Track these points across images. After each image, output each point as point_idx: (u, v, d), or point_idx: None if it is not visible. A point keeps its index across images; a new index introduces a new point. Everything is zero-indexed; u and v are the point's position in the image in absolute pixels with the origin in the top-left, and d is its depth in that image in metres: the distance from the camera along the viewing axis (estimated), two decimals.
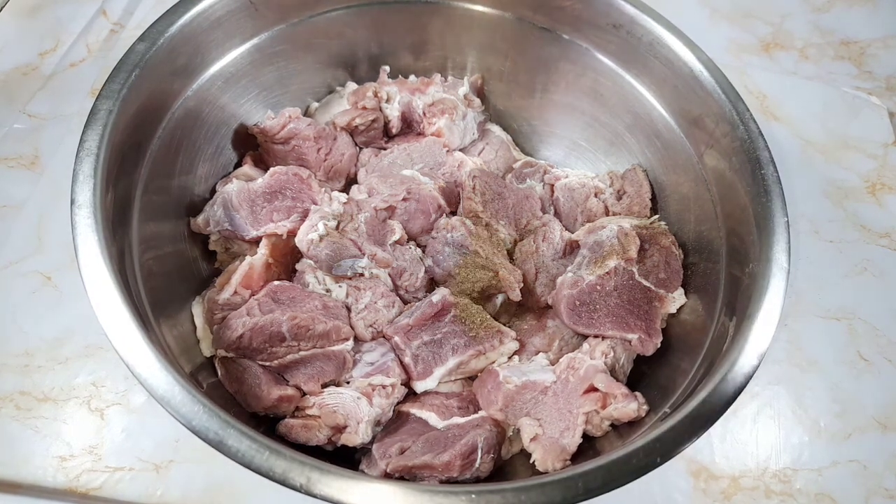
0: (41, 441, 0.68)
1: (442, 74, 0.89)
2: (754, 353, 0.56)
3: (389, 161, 0.82)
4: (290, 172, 0.73)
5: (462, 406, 0.66)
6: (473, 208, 0.75)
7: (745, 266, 0.64)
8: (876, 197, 0.93)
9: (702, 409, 0.53)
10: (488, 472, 0.62)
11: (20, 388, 0.70)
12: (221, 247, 0.74)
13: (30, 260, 0.78)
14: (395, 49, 0.87)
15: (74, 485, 0.65)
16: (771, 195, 0.64)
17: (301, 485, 0.47)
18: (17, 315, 0.74)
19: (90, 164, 0.58)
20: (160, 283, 0.64)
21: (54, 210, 0.81)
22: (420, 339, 0.66)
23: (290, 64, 0.81)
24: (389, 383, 0.63)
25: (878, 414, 0.76)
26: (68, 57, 0.96)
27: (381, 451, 0.60)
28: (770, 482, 0.71)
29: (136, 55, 0.64)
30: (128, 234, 0.63)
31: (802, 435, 0.74)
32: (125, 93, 0.62)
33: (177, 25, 0.67)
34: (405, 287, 0.72)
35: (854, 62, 1.09)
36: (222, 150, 0.79)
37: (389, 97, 0.82)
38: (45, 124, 0.89)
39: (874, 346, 0.80)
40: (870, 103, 1.02)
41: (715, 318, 0.65)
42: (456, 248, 0.72)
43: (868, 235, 0.89)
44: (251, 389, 0.62)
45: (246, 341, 0.62)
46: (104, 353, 0.72)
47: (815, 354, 0.80)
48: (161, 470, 0.67)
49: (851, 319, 0.82)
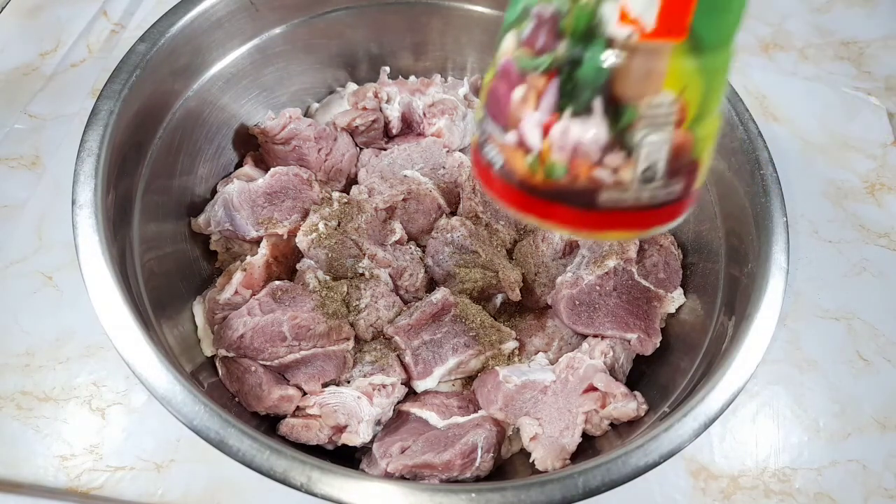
0: (42, 441, 0.68)
1: (442, 75, 0.89)
2: (753, 352, 0.56)
3: (390, 161, 0.82)
4: (290, 173, 0.73)
5: (462, 405, 0.66)
6: (473, 208, 0.75)
7: (744, 266, 0.64)
8: (875, 197, 0.93)
9: (701, 409, 0.53)
10: (488, 471, 0.62)
11: (21, 388, 0.70)
12: (222, 247, 0.74)
13: (31, 260, 0.78)
14: (395, 50, 0.87)
15: (75, 484, 0.66)
16: (770, 195, 0.65)
17: (302, 484, 0.47)
18: (18, 315, 0.74)
19: (91, 164, 0.58)
20: (161, 283, 0.65)
21: (55, 210, 0.81)
22: (420, 339, 0.66)
23: (291, 65, 0.82)
24: (389, 383, 0.64)
25: (877, 414, 0.76)
26: (69, 57, 0.96)
27: (381, 451, 0.60)
28: (769, 482, 0.71)
29: (137, 56, 0.64)
30: (129, 235, 0.63)
31: (801, 434, 0.74)
32: (126, 93, 0.62)
33: (177, 26, 0.67)
34: (405, 287, 0.72)
35: (853, 63, 1.09)
36: (223, 151, 0.79)
37: (390, 98, 0.82)
38: (45, 125, 0.89)
39: (873, 346, 0.80)
40: (869, 104, 1.03)
41: (714, 318, 0.65)
42: (456, 248, 0.72)
43: (867, 235, 0.89)
44: (252, 389, 0.62)
45: (247, 341, 0.62)
46: (105, 353, 0.72)
47: (814, 354, 0.80)
48: (162, 469, 0.67)
49: (850, 319, 0.82)
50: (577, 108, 0.36)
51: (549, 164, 0.38)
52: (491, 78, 0.41)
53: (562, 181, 0.38)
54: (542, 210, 0.40)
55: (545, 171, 0.38)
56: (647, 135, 0.36)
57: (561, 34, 0.35)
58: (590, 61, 0.35)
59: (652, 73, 0.35)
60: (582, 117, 0.36)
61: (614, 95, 0.35)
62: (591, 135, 0.36)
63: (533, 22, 0.37)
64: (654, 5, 0.33)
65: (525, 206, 0.40)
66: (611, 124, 0.36)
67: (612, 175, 0.37)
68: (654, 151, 0.37)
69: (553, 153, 0.37)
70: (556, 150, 0.37)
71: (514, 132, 0.39)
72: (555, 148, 0.37)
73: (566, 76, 0.36)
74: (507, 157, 0.40)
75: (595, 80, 0.35)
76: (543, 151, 0.38)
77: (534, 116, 0.37)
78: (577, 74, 0.35)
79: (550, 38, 0.36)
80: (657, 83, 0.35)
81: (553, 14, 0.35)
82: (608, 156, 0.37)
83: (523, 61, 0.37)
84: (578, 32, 0.35)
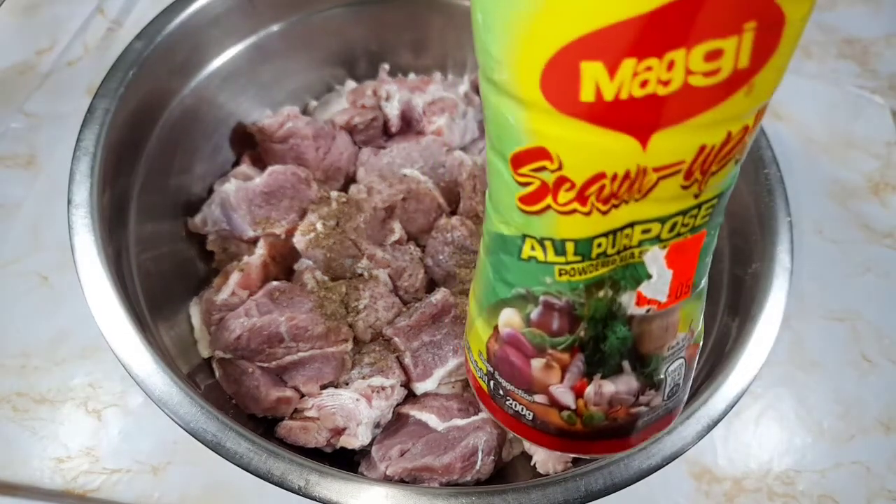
0: (38, 442, 0.67)
1: (442, 73, 0.89)
2: (757, 354, 0.56)
3: (389, 160, 0.81)
4: (288, 171, 0.73)
5: (462, 408, 0.65)
6: (473, 208, 0.74)
7: (748, 266, 0.63)
8: (879, 197, 0.92)
9: (704, 411, 0.53)
10: (489, 475, 0.61)
11: (17, 390, 0.70)
12: (219, 247, 0.74)
13: (26, 260, 0.77)
14: (394, 47, 0.86)
15: (72, 486, 0.65)
16: (774, 195, 0.64)
17: (300, 487, 0.47)
18: (14, 315, 0.74)
19: (87, 163, 0.57)
20: (157, 284, 0.64)
21: (51, 210, 0.81)
22: (420, 340, 0.66)
23: (289, 62, 0.81)
24: (389, 385, 0.63)
25: (881, 415, 0.75)
26: (65, 55, 0.95)
27: (380, 454, 0.60)
28: (773, 484, 0.70)
29: (134, 53, 0.63)
30: (125, 234, 0.63)
31: (805, 436, 0.74)
32: (122, 91, 0.61)
33: (174, 23, 0.66)
34: (405, 287, 0.71)
35: (857, 61, 1.08)
36: (220, 149, 0.78)
37: (389, 95, 0.81)
38: (41, 123, 0.88)
39: (878, 347, 0.80)
40: (873, 102, 1.02)
41: (717, 319, 0.65)
42: (456, 247, 0.71)
43: (872, 235, 0.89)
44: (249, 391, 0.62)
45: (244, 342, 0.62)
46: (101, 354, 0.72)
47: (818, 355, 0.79)
48: (159, 472, 0.66)
49: (855, 320, 0.82)
50: (606, 372, 0.40)
51: (588, 416, 0.41)
52: (489, 340, 0.43)
53: (602, 424, 0.42)
54: (584, 448, 0.44)
55: (583, 421, 0.42)
56: (669, 366, 0.41)
57: (579, 319, 0.38)
58: (613, 335, 0.39)
59: (669, 327, 0.40)
60: (612, 377, 0.40)
61: (639, 353, 0.40)
62: (624, 388, 0.40)
63: (540, 308, 0.39)
64: (665, 285, 0.37)
65: (567, 448, 0.44)
66: (639, 374, 0.40)
67: (646, 407, 0.42)
68: (676, 375, 0.42)
69: (590, 407, 0.41)
70: (591, 405, 0.41)
71: (542, 395, 0.42)
72: (590, 404, 0.41)
73: (591, 350, 0.39)
74: (538, 413, 0.43)
75: (620, 348, 0.39)
76: (579, 408, 0.41)
77: (563, 385, 0.41)
78: (602, 347, 0.39)
79: (567, 322, 0.39)
80: (674, 331, 0.40)
81: (566, 305, 0.38)
82: (641, 396, 0.41)
83: (538, 339, 0.40)
84: (598, 318, 0.38)
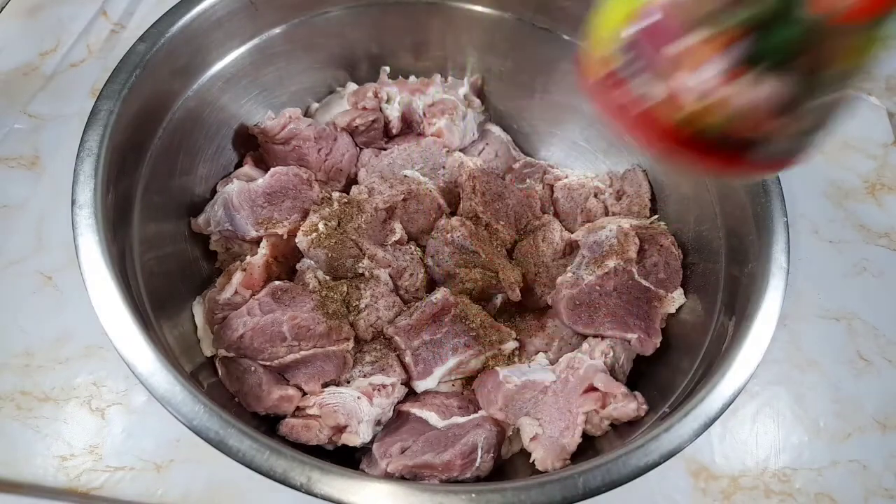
0: (42, 441, 0.68)
1: (442, 75, 0.89)
2: (753, 352, 0.56)
3: (389, 161, 0.82)
4: (290, 173, 0.73)
5: (462, 406, 0.66)
6: (473, 208, 0.75)
7: (745, 266, 0.64)
8: (875, 197, 0.93)
9: (701, 409, 0.53)
10: (488, 472, 0.62)
11: (21, 388, 0.70)
12: (222, 247, 0.74)
13: (30, 260, 0.78)
14: (395, 49, 0.87)
15: (75, 484, 0.66)
16: (770, 195, 0.65)
17: (302, 484, 0.47)
18: (18, 315, 0.74)
19: (91, 164, 0.58)
20: (161, 283, 0.65)
21: (55, 210, 0.81)
22: (420, 339, 0.66)
23: (291, 64, 0.81)
24: (389, 383, 0.64)
25: (877, 414, 0.76)
26: (69, 57, 0.96)
27: (381, 451, 0.60)
28: (770, 482, 0.71)
29: (137, 55, 0.64)
30: (128, 235, 0.63)
31: (802, 435, 0.74)
32: (126, 93, 0.62)
33: (177, 26, 0.67)
34: (405, 287, 0.72)
35: None
36: (223, 151, 0.79)
37: (390, 97, 0.82)
38: (45, 124, 0.89)
39: (873, 346, 0.80)
40: (869, 103, 1.02)
41: (714, 318, 0.65)
42: (456, 248, 0.72)
43: (867, 235, 0.89)
44: (252, 389, 0.62)
45: (247, 341, 0.62)
46: (105, 353, 0.72)
47: (814, 354, 0.80)
48: (162, 470, 0.67)
49: (851, 319, 0.82)
50: (768, 66, 0.37)
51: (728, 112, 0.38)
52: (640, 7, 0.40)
53: (733, 128, 0.39)
54: (696, 152, 0.41)
55: (718, 116, 0.39)
56: (822, 98, 0.38)
57: None
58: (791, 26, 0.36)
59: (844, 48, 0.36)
60: (771, 75, 0.37)
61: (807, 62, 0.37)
62: (776, 92, 0.37)
63: None
64: None
65: (678, 144, 0.41)
66: (796, 86, 0.37)
67: (782, 130, 0.39)
68: (824, 113, 0.39)
69: (733, 101, 0.38)
70: (736, 99, 0.38)
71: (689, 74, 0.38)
72: (735, 97, 0.38)
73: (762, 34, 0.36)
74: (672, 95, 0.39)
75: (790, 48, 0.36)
76: (723, 98, 0.38)
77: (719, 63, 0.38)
78: (773, 36, 0.36)
79: None
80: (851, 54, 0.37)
81: None
82: (786, 113, 0.38)
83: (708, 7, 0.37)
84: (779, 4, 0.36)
